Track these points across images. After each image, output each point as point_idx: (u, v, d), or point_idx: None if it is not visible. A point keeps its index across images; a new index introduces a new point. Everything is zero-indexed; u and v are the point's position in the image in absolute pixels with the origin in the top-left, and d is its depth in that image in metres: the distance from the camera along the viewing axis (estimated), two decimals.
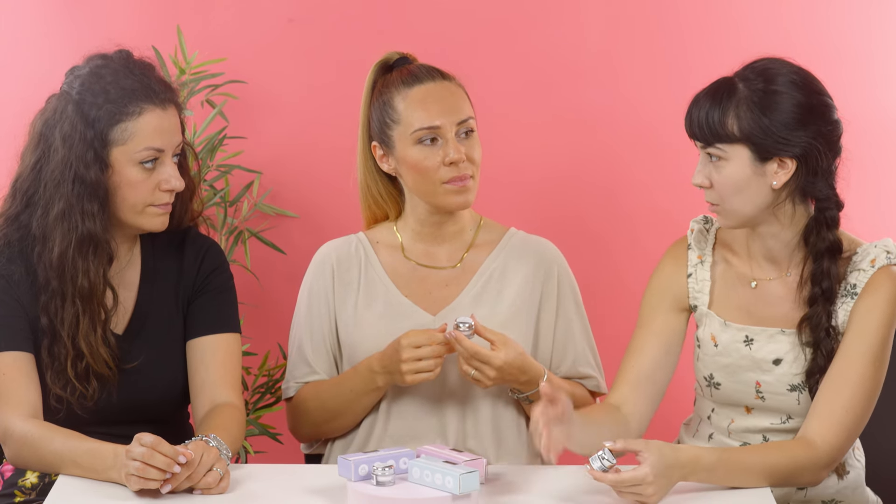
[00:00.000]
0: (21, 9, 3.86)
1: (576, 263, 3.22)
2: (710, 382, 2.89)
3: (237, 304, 3.03)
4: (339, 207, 3.83)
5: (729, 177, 2.73)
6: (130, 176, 2.84)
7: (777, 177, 2.74)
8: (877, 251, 2.79)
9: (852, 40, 3.85)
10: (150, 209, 2.87)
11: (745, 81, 2.73)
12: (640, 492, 2.58)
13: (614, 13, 3.85)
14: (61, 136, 2.83)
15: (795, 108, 2.72)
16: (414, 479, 2.60)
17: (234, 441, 2.82)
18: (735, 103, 2.71)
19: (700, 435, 2.96)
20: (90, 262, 2.84)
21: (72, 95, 2.84)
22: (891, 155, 3.86)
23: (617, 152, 3.88)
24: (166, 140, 2.85)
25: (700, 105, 2.74)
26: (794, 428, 2.84)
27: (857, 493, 2.90)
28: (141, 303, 2.96)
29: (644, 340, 2.91)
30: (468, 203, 3.05)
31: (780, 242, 2.82)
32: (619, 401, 2.90)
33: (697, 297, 2.91)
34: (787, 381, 2.82)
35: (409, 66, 3.08)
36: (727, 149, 2.72)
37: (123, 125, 2.82)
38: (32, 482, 2.95)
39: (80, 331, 2.85)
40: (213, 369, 2.94)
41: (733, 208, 2.76)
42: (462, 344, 2.92)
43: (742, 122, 2.71)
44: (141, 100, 2.83)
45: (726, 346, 2.85)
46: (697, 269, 2.92)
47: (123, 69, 2.85)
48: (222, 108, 3.78)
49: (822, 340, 2.77)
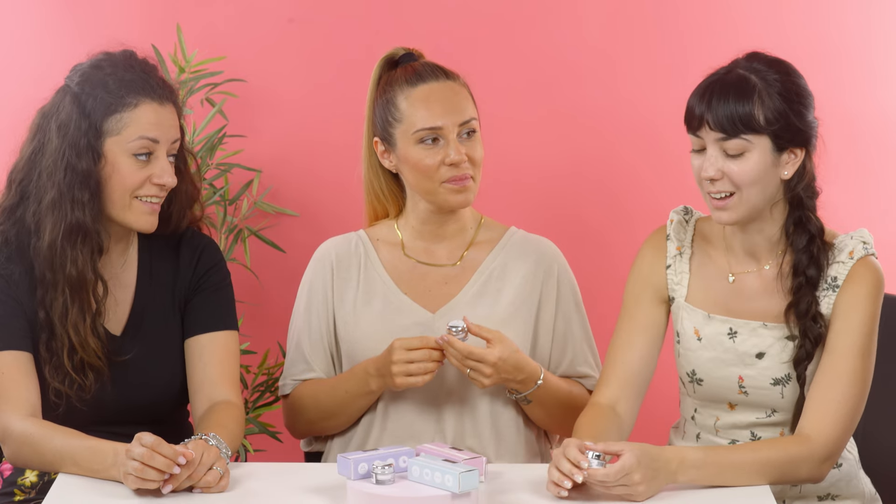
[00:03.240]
0: (22, 7, 3.86)
1: (576, 262, 3.22)
2: (693, 378, 2.89)
3: (234, 301, 3.03)
4: (339, 206, 3.83)
5: (751, 168, 2.74)
6: (123, 167, 2.83)
7: (787, 167, 2.77)
8: (854, 243, 2.81)
9: (852, 40, 3.85)
10: (136, 203, 2.86)
11: (757, 73, 2.75)
12: (628, 482, 2.57)
13: (614, 12, 3.85)
14: (57, 125, 2.83)
15: (808, 99, 2.78)
16: (413, 478, 2.60)
17: (234, 439, 2.82)
18: (759, 94, 2.73)
19: (688, 436, 2.96)
20: (79, 251, 2.83)
21: (71, 88, 2.85)
22: (891, 154, 3.86)
23: (617, 151, 3.88)
24: (161, 133, 2.84)
25: (720, 98, 2.73)
26: (781, 421, 2.85)
27: (851, 486, 2.90)
28: (138, 303, 2.96)
29: (631, 336, 2.91)
30: (468, 202, 3.06)
31: (763, 237, 2.84)
32: (612, 400, 2.89)
33: (675, 290, 2.91)
34: (771, 375, 2.82)
35: (413, 63, 3.08)
36: (753, 139, 2.73)
37: (119, 115, 2.82)
38: (32, 481, 2.95)
39: (69, 320, 2.85)
40: (211, 367, 2.94)
41: (748, 199, 2.76)
42: (454, 346, 2.91)
43: (768, 112, 2.73)
44: (138, 92, 2.83)
45: (710, 339, 2.86)
46: (676, 261, 2.92)
47: (124, 64, 2.86)
48: (222, 106, 3.78)
49: (809, 327, 2.78)
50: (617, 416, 2.87)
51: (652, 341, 2.92)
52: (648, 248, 2.96)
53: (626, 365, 2.90)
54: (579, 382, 3.12)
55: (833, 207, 3.18)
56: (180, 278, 2.98)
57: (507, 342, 2.95)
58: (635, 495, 2.59)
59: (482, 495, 2.63)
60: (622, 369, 2.90)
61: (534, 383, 3.00)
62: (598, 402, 2.90)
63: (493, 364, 2.92)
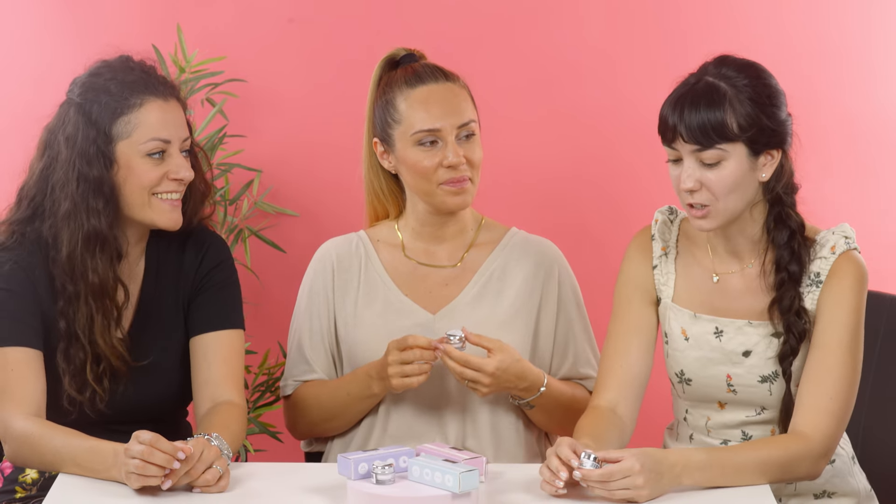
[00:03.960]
0: (21, 7, 3.86)
1: (576, 263, 3.22)
2: (682, 379, 2.89)
3: (241, 299, 3.03)
4: (339, 206, 3.83)
5: (728, 176, 2.74)
6: (138, 168, 2.84)
7: (765, 169, 2.77)
8: (835, 238, 2.81)
9: (852, 40, 3.85)
10: (155, 201, 2.86)
11: (727, 80, 2.75)
12: (629, 484, 2.57)
13: (615, 12, 3.85)
14: (65, 138, 2.84)
15: (779, 98, 2.77)
16: (414, 478, 2.59)
17: (235, 440, 2.82)
18: (729, 101, 2.72)
19: (682, 437, 2.96)
20: (98, 259, 2.84)
21: (74, 100, 2.85)
22: (891, 154, 3.86)
23: (618, 151, 3.88)
24: (171, 131, 2.85)
25: (691, 109, 2.74)
26: (770, 419, 2.85)
27: (845, 482, 2.90)
28: (144, 299, 2.96)
29: (625, 338, 2.91)
30: (465, 204, 3.05)
31: (745, 237, 2.84)
32: (612, 403, 2.89)
33: (662, 290, 2.91)
34: (758, 373, 2.82)
35: (413, 64, 3.08)
36: (728, 148, 2.73)
37: (126, 118, 2.82)
38: (33, 478, 2.95)
39: (96, 329, 2.85)
40: (215, 367, 2.94)
41: (726, 207, 2.76)
42: (451, 355, 2.91)
43: (740, 119, 2.72)
44: (142, 91, 2.83)
45: (697, 339, 2.86)
46: (662, 262, 2.92)
47: (123, 67, 2.86)
48: (222, 106, 3.78)
49: (794, 323, 2.78)
50: (618, 418, 2.87)
51: (646, 342, 2.92)
52: (634, 250, 2.96)
53: (623, 368, 2.90)
54: (581, 384, 3.12)
55: (833, 207, 3.19)
56: (185, 275, 2.98)
57: (508, 351, 2.94)
58: (637, 498, 2.58)
59: (482, 495, 2.63)
60: (619, 372, 2.90)
61: (537, 390, 2.99)
62: (597, 406, 2.89)
63: (492, 374, 2.92)
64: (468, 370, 2.91)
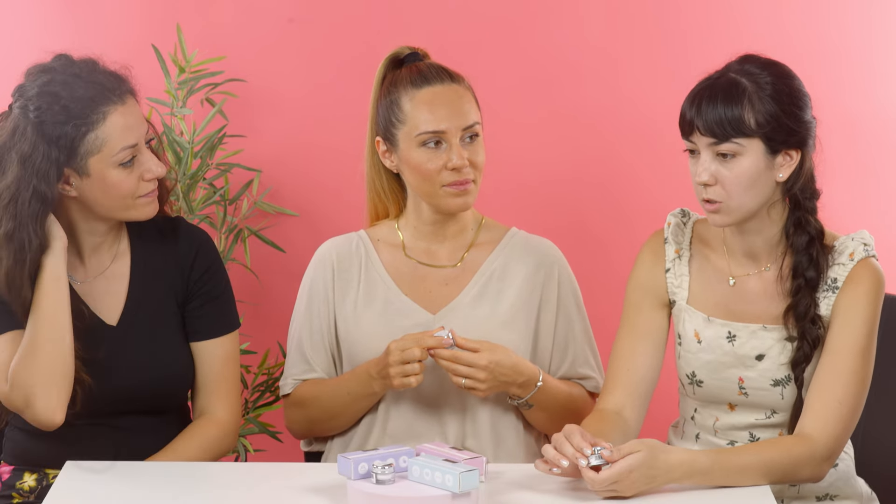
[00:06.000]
0: (21, 7, 3.86)
1: (576, 263, 3.22)
2: (693, 380, 2.89)
3: (233, 298, 3.03)
4: (339, 206, 3.83)
5: (744, 172, 2.74)
6: (114, 178, 2.84)
7: (783, 169, 2.77)
8: (854, 244, 2.81)
9: (852, 40, 3.85)
10: (138, 201, 2.88)
11: (749, 76, 2.75)
12: (623, 477, 2.58)
13: (616, 13, 3.85)
14: (19, 156, 2.81)
15: (802, 99, 2.77)
16: (414, 478, 2.59)
17: (200, 454, 2.90)
18: (748, 97, 2.73)
19: (687, 436, 2.96)
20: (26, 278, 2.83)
21: (29, 118, 2.82)
22: (891, 154, 3.86)
23: (619, 152, 3.88)
24: (136, 133, 2.85)
25: (709, 103, 2.74)
26: (780, 422, 2.85)
27: (849, 485, 2.90)
28: (133, 294, 2.96)
29: (634, 342, 2.91)
30: (467, 206, 3.05)
31: (762, 238, 2.84)
32: (618, 406, 2.89)
33: (676, 293, 2.91)
34: (771, 377, 2.82)
35: (418, 64, 3.07)
36: (744, 143, 2.73)
37: (93, 134, 2.82)
38: (30, 485, 2.95)
39: None
40: (210, 375, 2.98)
41: (740, 204, 2.76)
42: (442, 355, 2.92)
43: (759, 115, 2.73)
44: (100, 103, 2.82)
45: (710, 343, 2.86)
46: (675, 264, 2.92)
47: (72, 78, 2.83)
48: (222, 106, 3.78)
49: (808, 329, 2.78)
50: (623, 421, 2.87)
51: (655, 346, 2.92)
52: (647, 253, 2.96)
53: (630, 372, 2.90)
54: (579, 384, 3.12)
55: (833, 207, 3.18)
56: (177, 274, 2.99)
57: (499, 349, 2.95)
58: (621, 491, 2.59)
59: (482, 495, 2.63)
60: (626, 376, 2.90)
61: (534, 386, 2.99)
62: (603, 409, 2.89)
63: (486, 367, 2.92)
64: (461, 366, 2.91)
